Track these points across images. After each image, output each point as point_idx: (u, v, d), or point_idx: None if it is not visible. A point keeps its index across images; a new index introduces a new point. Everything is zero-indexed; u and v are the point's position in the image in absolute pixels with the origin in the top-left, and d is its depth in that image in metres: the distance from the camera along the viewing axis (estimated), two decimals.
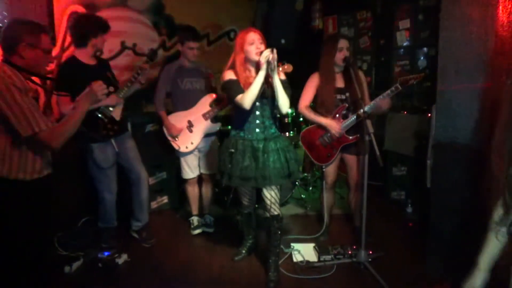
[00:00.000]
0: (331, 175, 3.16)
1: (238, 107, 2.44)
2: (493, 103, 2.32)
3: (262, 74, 2.33)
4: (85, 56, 2.84)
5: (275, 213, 2.61)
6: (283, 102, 2.44)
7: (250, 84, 2.38)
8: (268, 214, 2.64)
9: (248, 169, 2.49)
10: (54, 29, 3.47)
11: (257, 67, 2.46)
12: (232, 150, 2.54)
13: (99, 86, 2.01)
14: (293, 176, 2.60)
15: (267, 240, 2.75)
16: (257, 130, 2.54)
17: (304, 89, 3.09)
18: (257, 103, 2.49)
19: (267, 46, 2.43)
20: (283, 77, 2.56)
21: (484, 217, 2.40)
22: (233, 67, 2.52)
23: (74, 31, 2.83)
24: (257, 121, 2.53)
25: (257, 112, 2.52)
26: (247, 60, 2.48)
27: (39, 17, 3.22)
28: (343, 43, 2.94)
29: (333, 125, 2.94)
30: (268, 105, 2.54)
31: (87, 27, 2.79)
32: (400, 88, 2.76)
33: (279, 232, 2.66)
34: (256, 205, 3.23)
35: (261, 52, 2.33)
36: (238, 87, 2.44)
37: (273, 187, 2.56)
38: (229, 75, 2.51)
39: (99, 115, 2.83)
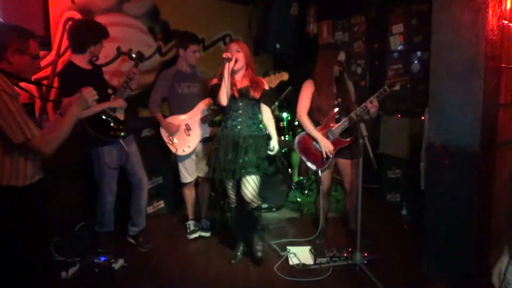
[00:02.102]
0: (327, 181, 3.19)
1: (223, 108, 2.74)
2: (485, 105, 2.36)
3: (223, 72, 2.62)
4: (82, 61, 2.87)
5: (255, 205, 2.82)
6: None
7: (233, 89, 2.67)
8: (248, 208, 2.82)
9: (231, 162, 2.71)
10: (50, 35, 3.48)
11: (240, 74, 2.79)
12: (217, 146, 2.79)
13: (89, 92, 1.98)
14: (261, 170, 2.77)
15: (247, 225, 2.94)
16: (239, 127, 2.75)
17: (301, 97, 3.13)
18: (240, 104, 2.74)
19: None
20: (267, 87, 2.81)
21: (479, 218, 2.43)
22: (220, 77, 2.72)
23: (74, 38, 2.84)
24: (239, 120, 2.76)
25: (240, 111, 2.75)
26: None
27: (35, 23, 3.24)
28: (342, 56, 3.02)
29: (327, 144, 3.01)
30: (251, 106, 2.76)
31: (87, 34, 2.82)
32: (388, 90, 2.80)
33: (259, 218, 2.92)
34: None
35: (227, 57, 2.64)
36: (218, 89, 2.68)
37: (251, 181, 2.74)
38: (214, 81, 2.80)
39: (105, 118, 2.85)
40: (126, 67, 4.13)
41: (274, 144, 2.79)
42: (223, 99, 2.64)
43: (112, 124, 2.90)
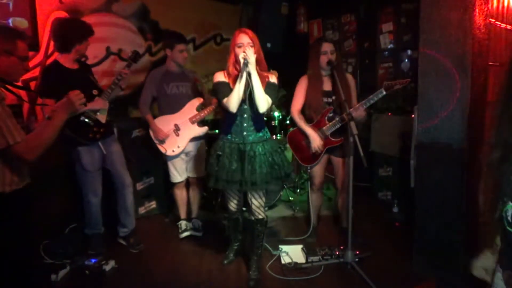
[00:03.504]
0: (318, 177, 3.20)
1: (226, 110, 2.48)
2: (473, 103, 2.38)
3: (242, 75, 2.37)
4: (68, 61, 2.84)
5: (260, 217, 2.66)
6: (258, 102, 2.42)
7: None
8: (253, 218, 2.69)
9: (235, 173, 2.49)
10: (38, 36, 3.45)
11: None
12: (220, 153, 2.55)
13: (76, 96, 1.88)
14: (287, 179, 2.62)
15: (251, 240, 2.82)
16: (245, 133, 2.52)
17: (295, 93, 3.14)
18: (245, 106, 2.49)
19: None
20: (273, 80, 2.57)
21: (467, 215, 2.46)
22: (226, 68, 2.54)
23: (58, 37, 2.80)
24: (245, 124, 2.52)
25: (245, 115, 2.52)
26: (237, 61, 2.46)
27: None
28: (326, 47, 2.99)
29: (316, 140, 2.99)
30: (256, 108, 2.48)
31: (71, 32, 2.78)
32: (384, 93, 2.80)
33: (263, 235, 2.72)
34: (243, 208, 3.24)
35: (245, 58, 2.35)
36: (226, 89, 2.47)
37: (256, 195, 2.60)
38: (219, 76, 2.54)
39: (85, 120, 2.82)
40: (117, 67, 4.10)
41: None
42: (233, 106, 2.40)
43: (91, 127, 2.86)
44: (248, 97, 2.44)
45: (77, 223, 3.38)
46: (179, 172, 3.33)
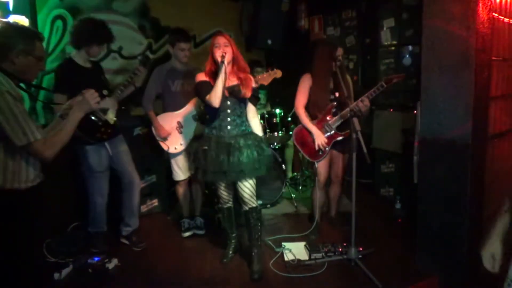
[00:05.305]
0: (324, 172, 3.23)
1: (210, 107, 2.59)
2: (477, 98, 2.37)
3: (221, 71, 2.49)
4: (81, 59, 2.84)
5: (253, 205, 2.72)
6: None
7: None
8: (246, 207, 2.73)
9: (222, 164, 2.59)
10: None
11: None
12: (206, 147, 2.66)
13: (91, 95, 1.97)
14: (267, 169, 2.72)
15: (248, 233, 2.82)
16: (229, 127, 2.66)
17: (298, 91, 3.19)
18: (228, 102, 2.63)
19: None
20: (254, 84, 2.70)
21: (471, 211, 2.45)
22: (212, 74, 2.67)
23: (72, 33, 2.81)
24: (229, 119, 2.66)
25: (228, 111, 2.65)
26: (216, 62, 2.61)
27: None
28: (340, 51, 3.09)
29: (320, 137, 3.08)
30: (238, 104, 2.66)
31: (83, 34, 2.77)
32: (384, 86, 2.83)
33: (259, 224, 2.77)
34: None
35: (222, 55, 2.54)
36: (208, 87, 2.58)
37: (249, 180, 2.67)
38: (201, 77, 2.68)
39: (94, 119, 2.81)
40: (115, 64, 4.10)
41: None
42: (216, 101, 2.50)
43: (99, 127, 2.85)
44: (233, 92, 2.60)
45: (79, 222, 3.37)
46: (182, 170, 3.32)
